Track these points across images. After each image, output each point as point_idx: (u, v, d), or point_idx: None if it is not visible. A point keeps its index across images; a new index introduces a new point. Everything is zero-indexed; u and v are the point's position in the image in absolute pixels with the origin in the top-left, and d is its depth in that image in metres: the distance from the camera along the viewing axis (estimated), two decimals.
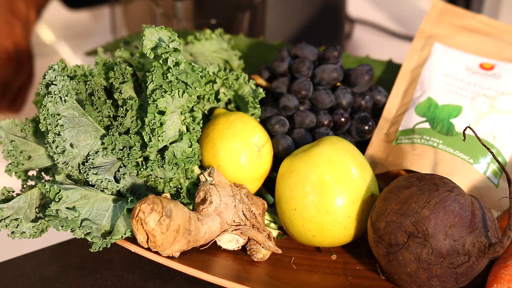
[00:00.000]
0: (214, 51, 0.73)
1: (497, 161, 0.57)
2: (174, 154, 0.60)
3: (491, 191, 0.65)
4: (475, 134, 0.58)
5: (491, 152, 0.58)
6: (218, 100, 0.67)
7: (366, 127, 0.69)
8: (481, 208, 0.57)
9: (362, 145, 0.70)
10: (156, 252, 0.58)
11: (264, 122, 0.68)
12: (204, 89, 0.64)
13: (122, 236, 0.58)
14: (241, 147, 0.63)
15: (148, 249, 0.58)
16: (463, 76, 0.71)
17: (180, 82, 0.55)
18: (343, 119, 0.68)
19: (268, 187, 0.68)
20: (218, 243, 0.61)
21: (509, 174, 0.56)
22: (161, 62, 0.55)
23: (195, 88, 0.55)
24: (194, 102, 0.57)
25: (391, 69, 0.76)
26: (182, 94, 0.55)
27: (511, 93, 0.69)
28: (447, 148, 0.66)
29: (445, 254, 0.55)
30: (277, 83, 0.70)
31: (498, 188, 0.65)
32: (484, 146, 0.58)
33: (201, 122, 0.64)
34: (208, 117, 0.67)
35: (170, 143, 0.60)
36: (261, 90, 0.68)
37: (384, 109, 0.71)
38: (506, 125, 0.67)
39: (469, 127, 0.58)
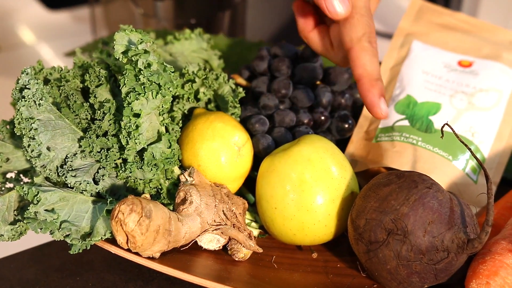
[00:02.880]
0: (194, 50, 0.73)
1: (475, 157, 0.57)
2: (153, 155, 0.59)
3: (470, 188, 0.65)
4: (453, 131, 0.58)
5: (469, 149, 0.58)
6: (198, 100, 0.67)
7: (346, 125, 0.69)
8: (459, 204, 0.57)
9: (342, 143, 0.70)
10: (136, 253, 0.57)
11: (244, 121, 0.68)
12: (181, 89, 0.64)
13: (101, 238, 0.58)
14: (221, 147, 0.63)
15: (128, 250, 0.57)
16: (442, 73, 0.71)
17: (153, 83, 0.55)
18: (323, 118, 0.68)
19: (249, 187, 0.68)
20: (199, 243, 0.61)
21: (487, 171, 0.56)
22: (133, 65, 0.55)
23: (168, 88, 0.55)
24: (170, 102, 0.57)
25: None
26: (156, 95, 0.55)
27: (489, 90, 0.70)
28: (426, 145, 0.66)
29: (424, 250, 0.55)
30: (257, 82, 0.70)
31: (477, 184, 0.65)
32: (462, 142, 0.58)
33: (180, 122, 0.64)
34: (188, 117, 0.67)
35: (149, 144, 0.60)
36: (241, 89, 0.68)
37: (363, 107, 0.71)
38: (485, 122, 0.68)
39: (447, 124, 0.58)
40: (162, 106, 0.59)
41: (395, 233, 0.56)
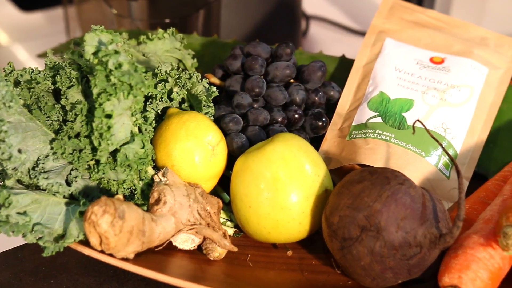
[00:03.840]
0: (167, 50, 0.73)
1: (447, 153, 0.58)
2: (126, 156, 0.59)
3: (442, 183, 0.66)
4: (425, 127, 0.59)
5: (441, 145, 0.58)
6: (171, 100, 0.67)
7: (320, 123, 0.69)
8: (431, 199, 0.58)
9: (316, 141, 0.70)
10: (110, 254, 0.57)
11: (218, 120, 0.68)
12: (154, 89, 0.64)
13: (75, 240, 0.58)
14: (195, 147, 0.63)
15: (102, 251, 0.57)
16: (414, 70, 0.72)
17: (124, 83, 0.55)
18: (297, 116, 0.69)
19: (224, 186, 0.68)
20: (173, 243, 0.61)
21: (458, 166, 0.57)
22: (103, 66, 0.55)
23: (140, 89, 0.55)
24: (142, 102, 0.57)
25: (344, 65, 0.77)
26: (128, 96, 0.55)
27: (461, 86, 0.70)
28: (399, 142, 0.66)
29: (397, 246, 0.56)
30: (230, 81, 0.70)
31: (449, 179, 0.66)
32: (434, 138, 0.58)
33: (153, 122, 0.64)
34: (162, 117, 0.67)
35: (122, 145, 0.59)
36: (214, 88, 0.68)
37: (337, 104, 0.72)
38: (457, 118, 0.69)
39: (418, 120, 0.59)
40: (134, 107, 0.59)
41: (368, 230, 0.56)
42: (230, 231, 0.65)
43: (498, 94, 0.71)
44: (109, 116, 0.56)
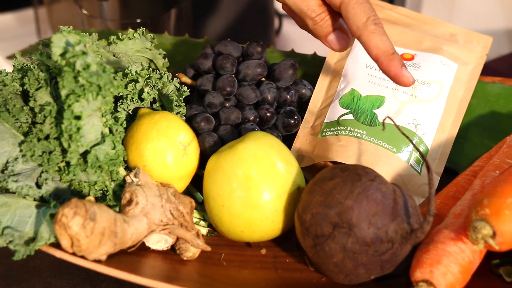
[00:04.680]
0: (138, 50, 0.72)
1: (417, 149, 0.58)
2: (97, 157, 0.59)
3: (414, 179, 0.66)
4: (394, 124, 0.59)
5: (411, 141, 0.59)
6: (142, 100, 0.66)
7: (292, 121, 0.69)
8: (402, 195, 0.58)
9: (289, 139, 0.70)
10: (82, 256, 0.57)
11: (189, 120, 0.68)
12: (124, 89, 0.64)
13: (46, 242, 0.57)
14: (167, 147, 0.63)
15: (74, 253, 0.57)
16: None
17: (93, 84, 0.54)
18: (268, 114, 0.69)
19: (197, 185, 0.67)
20: (146, 244, 0.60)
21: (428, 161, 0.57)
22: (71, 67, 0.55)
23: (109, 89, 0.54)
24: (111, 103, 0.56)
25: (316, 63, 0.77)
26: (96, 97, 0.54)
27: (431, 82, 0.71)
28: (370, 138, 0.67)
29: (369, 242, 0.56)
30: (202, 81, 0.70)
31: (421, 175, 0.67)
32: (404, 134, 0.59)
33: (124, 122, 0.64)
34: (134, 118, 0.67)
35: (93, 146, 0.59)
36: (185, 88, 0.67)
37: (309, 102, 0.72)
38: (427, 114, 0.69)
39: (388, 117, 0.59)
40: (104, 108, 0.58)
41: (340, 226, 0.56)
42: (204, 230, 0.65)
43: (468, 89, 0.72)
44: (78, 118, 0.56)
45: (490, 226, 0.54)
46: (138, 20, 0.86)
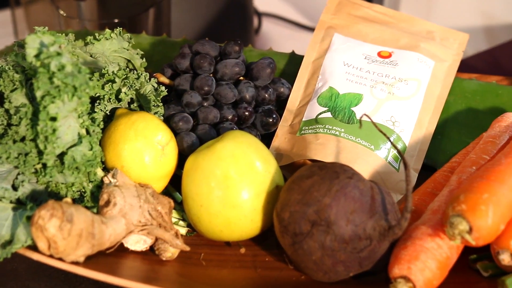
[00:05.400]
0: (115, 50, 0.72)
1: (394, 146, 0.59)
2: (74, 159, 0.59)
3: (392, 176, 0.66)
4: (371, 121, 0.59)
5: (388, 138, 0.59)
6: (119, 100, 0.66)
7: (271, 120, 0.69)
8: (380, 192, 0.58)
9: (267, 137, 0.70)
10: (60, 259, 0.57)
11: (167, 120, 0.68)
12: (101, 89, 0.63)
13: (23, 245, 0.57)
14: (144, 147, 0.63)
15: (51, 256, 0.56)
16: (363, 64, 0.72)
17: (68, 85, 0.54)
18: (247, 113, 0.69)
19: (176, 185, 0.67)
20: (125, 245, 0.60)
21: (405, 158, 0.58)
22: (46, 68, 0.54)
23: (84, 90, 0.54)
24: (88, 104, 0.56)
25: (294, 61, 0.77)
26: (72, 98, 0.54)
27: (408, 79, 0.71)
28: (349, 136, 0.67)
29: (347, 239, 0.56)
30: (179, 80, 0.70)
31: (399, 172, 0.67)
32: (381, 132, 0.59)
33: (101, 123, 0.63)
34: (111, 118, 0.67)
35: (69, 147, 0.59)
36: (163, 88, 0.67)
37: (287, 101, 0.72)
38: (404, 111, 0.70)
39: (365, 114, 0.59)
40: (80, 108, 0.58)
41: (318, 224, 0.56)
42: (183, 230, 0.64)
43: (445, 86, 0.72)
44: (53, 119, 0.55)
45: (466, 221, 0.55)
46: (116, 20, 0.86)
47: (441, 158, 0.71)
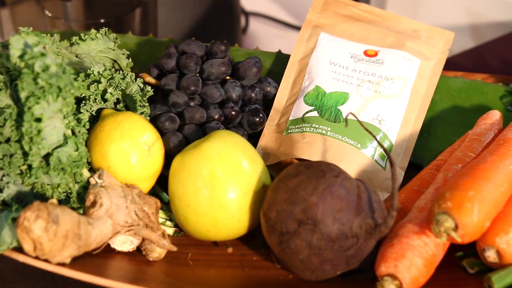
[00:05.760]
0: (101, 51, 0.72)
1: (380, 144, 0.59)
2: (60, 159, 0.58)
3: (379, 174, 0.67)
4: (357, 119, 0.59)
5: (374, 136, 0.59)
6: (105, 101, 0.66)
7: (257, 119, 0.69)
8: (367, 191, 0.58)
9: (254, 137, 0.70)
10: (46, 260, 0.56)
11: (154, 120, 0.68)
12: (87, 90, 0.63)
13: (8, 247, 0.56)
14: (131, 147, 0.62)
15: (37, 257, 0.56)
16: (349, 63, 0.73)
17: (52, 86, 0.54)
18: (233, 113, 0.69)
19: (163, 185, 0.67)
20: (112, 246, 0.60)
21: (391, 156, 0.58)
22: (30, 68, 0.54)
23: (69, 90, 0.54)
24: (73, 105, 0.56)
25: (281, 60, 0.77)
26: (57, 98, 0.54)
27: (394, 77, 0.71)
28: (335, 135, 0.67)
29: (334, 238, 0.56)
30: (165, 80, 0.70)
31: (385, 170, 0.67)
32: (367, 130, 0.59)
33: (87, 124, 0.63)
34: (97, 119, 0.66)
35: (55, 148, 0.58)
36: (149, 88, 0.67)
37: (274, 100, 0.72)
38: (391, 109, 0.70)
39: (351, 113, 0.59)
40: (66, 109, 0.58)
41: (305, 223, 0.56)
42: (170, 230, 0.64)
43: (431, 84, 0.73)
44: (38, 120, 0.55)
45: (452, 219, 0.55)
46: (102, 20, 0.86)
47: (427, 156, 0.71)
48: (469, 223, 0.55)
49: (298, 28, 1.12)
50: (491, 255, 0.57)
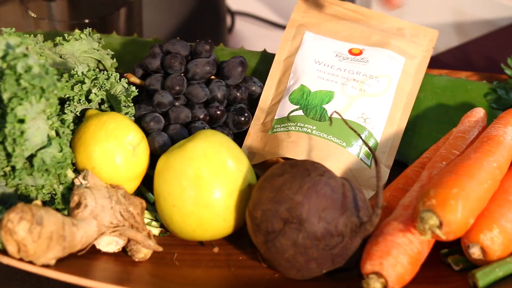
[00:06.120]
0: (85, 51, 0.71)
1: (365, 142, 0.59)
2: (44, 161, 0.58)
3: (364, 172, 0.67)
4: (342, 118, 0.59)
5: (358, 135, 0.59)
6: (89, 101, 0.66)
7: (242, 119, 0.69)
8: (352, 189, 0.59)
9: (240, 136, 0.70)
10: (30, 262, 0.56)
11: (139, 120, 0.67)
12: (71, 91, 0.63)
13: None
14: (115, 148, 0.62)
15: (22, 259, 0.56)
16: (334, 62, 0.73)
17: (35, 87, 0.53)
18: (218, 112, 0.69)
19: (149, 186, 0.67)
20: (97, 247, 0.60)
21: (375, 155, 0.58)
22: (13, 69, 0.54)
23: (52, 91, 0.54)
24: (56, 105, 0.56)
25: (266, 60, 0.77)
26: (40, 99, 0.54)
27: (379, 76, 0.72)
28: (320, 134, 0.67)
29: (320, 236, 0.56)
30: (150, 80, 0.69)
31: (371, 168, 0.67)
32: (351, 128, 0.59)
33: (71, 125, 0.63)
34: (82, 119, 0.66)
35: (39, 149, 0.58)
36: (133, 88, 0.67)
37: (259, 99, 0.72)
38: (376, 107, 0.70)
39: (335, 111, 0.60)
40: (49, 110, 0.58)
41: (291, 222, 0.56)
42: (156, 231, 0.64)
43: (415, 82, 0.73)
44: (21, 121, 0.55)
45: (436, 216, 0.55)
46: (87, 21, 0.85)
47: (413, 154, 0.71)
48: (453, 220, 0.55)
49: (284, 27, 1.12)
50: (475, 252, 0.57)
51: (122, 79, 0.67)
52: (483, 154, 0.60)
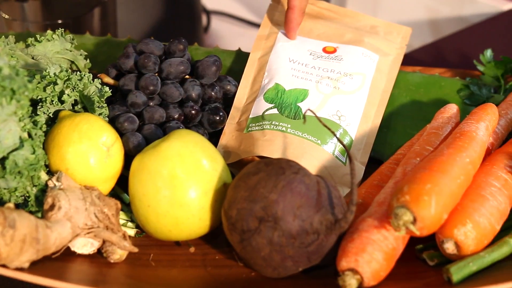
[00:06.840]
0: (58, 52, 0.71)
1: (338, 139, 0.59)
2: (16, 163, 0.57)
3: (339, 169, 0.67)
4: (315, 116, 0.59)
5: (333, 132, 0.60)
6: (62, 102, 0.65)
7: (217, 118, 0.69)
8: (326, 186, 0.59)
9: (215, 135, 0.70)
10: (3, 265, 0.55)
11: (113, 121, 0.67)
12: (43, 92, 0.62)
13: None
14: (89, 149, 0.62)
15: None
16: (308, 60, 0.73)
17: (6, 88, 0.53)
18: (193, 112, 0.68)
19: (124, 187, 0.67)
20: (72, 249, 0.59)
21: (349, 152, 0.58)
22: None
23: (23, 93, 0.53)
24: (28, 107, 0.55)
25: (241, 58, 0.77)
26: (10, 101, 0.53)
27: (353, 73, 0.72)
28: (295, 132, 0.67)
29: (295, 234, 0.56)
30: (124, 81, 0.69)
31: (346, 165, 0.68)
32: (326, 126, 0.59)
33: (44, 126, 0.62)
34: (55, 121, 0.65)
35: (10, 152, 0.57)
36: (107, 88, 0.66)
37: (234, 98, 0.72)
38: (350, 105, 0.70)
39: (309, 109, 0.60)
40: (21, 112, 0.57)
41: (266, 221, 0.56)
42: (132, 231, 0.64)
43: (389, 80, 0.73)
44: None
45: (410, 212, 0.56)
46: (60, 21, 0.85)
47: (387, 150, 0.72)
48: (427, 216, 0.55)
49: (259, 26, 1.12)
50: (449, 247, 0.58)
51: (95, 79, 0.66)
52: (456, 150, 0.60)
